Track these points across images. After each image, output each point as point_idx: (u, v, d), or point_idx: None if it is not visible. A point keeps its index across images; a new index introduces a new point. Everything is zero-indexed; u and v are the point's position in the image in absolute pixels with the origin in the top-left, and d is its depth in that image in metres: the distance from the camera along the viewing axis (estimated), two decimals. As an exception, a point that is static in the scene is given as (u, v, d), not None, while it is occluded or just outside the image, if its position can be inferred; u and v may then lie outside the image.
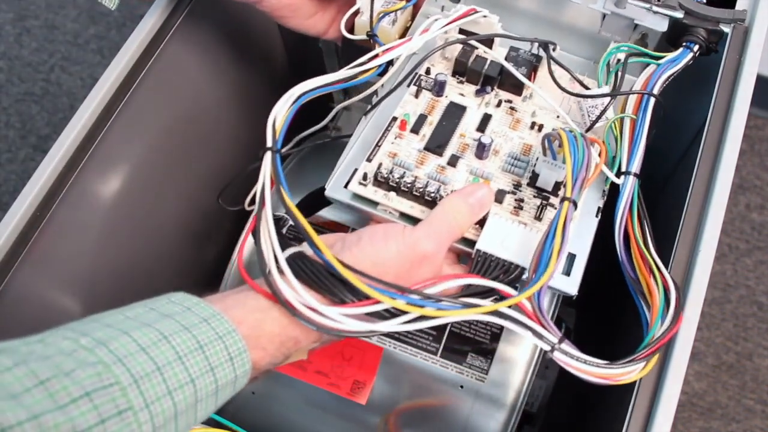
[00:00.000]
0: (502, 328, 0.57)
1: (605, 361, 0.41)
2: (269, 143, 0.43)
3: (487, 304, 0.40)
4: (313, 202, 0.63)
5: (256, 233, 0.40)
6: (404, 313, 0.39)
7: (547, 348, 0.41)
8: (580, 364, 0.41)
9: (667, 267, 0.45)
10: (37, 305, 0.51)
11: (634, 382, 0.42)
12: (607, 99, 0.48)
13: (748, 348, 1.10)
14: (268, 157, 0.42)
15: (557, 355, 0.41)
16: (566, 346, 0.41)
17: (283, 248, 0.40)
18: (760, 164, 1.22)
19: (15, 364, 0.29)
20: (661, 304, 0.43)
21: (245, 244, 0.56)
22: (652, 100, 0.48)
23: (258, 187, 0.41)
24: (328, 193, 0.47)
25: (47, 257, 0.50)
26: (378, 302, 0.38)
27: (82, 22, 1.35)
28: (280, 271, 0.38)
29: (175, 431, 0.32)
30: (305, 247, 0.39)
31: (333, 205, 0.60)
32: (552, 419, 0.79)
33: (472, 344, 0.57)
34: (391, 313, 0.39)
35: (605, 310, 0.73)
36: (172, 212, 0.64)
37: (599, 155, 0.46)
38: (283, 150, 0.46)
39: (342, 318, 0.38)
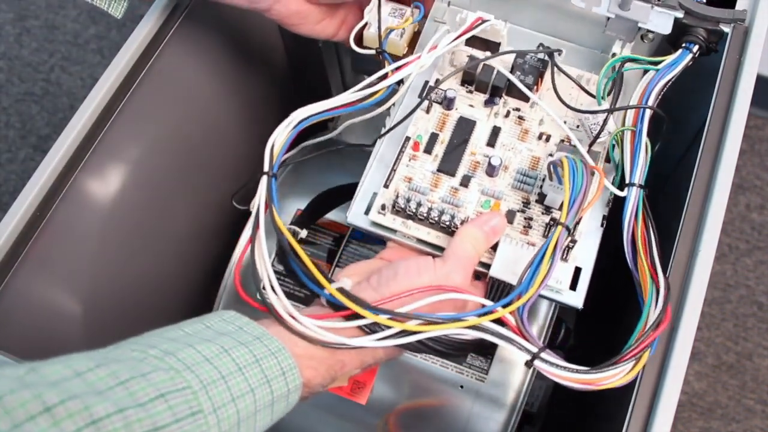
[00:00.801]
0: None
1: (586, 367, 0.41)
2: (266, 168, 0.44)
3: (470, 317, 0.41)
4: (319, 207, 0.63)
5: (251, 252, 0.43)
6: (388, 327, 0.41)
7: (528, 357, 0.42)
8: (562, 371, 0.41)
9: (667, 267, 0.45)
10: (37, 305, 0.51)
11: (634, 382, 0.42)
12: (602, 115, 0.48)
13: (748, 348, 1.10)
14: (263, 181, 0.44)
15: (538, 364, 0.42)
16: (547, 355, 0.42)
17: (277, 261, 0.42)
18: (760, 164, 1.22)
19: (97, 365, 0.31)
20: (648, 303, 0.43)
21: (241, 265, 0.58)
22: (649, 110, 0.48)
23: (253, 211, 0.43)
24: (349, 220, 0.49)
25: (47, 257, 0.50)
26: (355, 313, 0.40)
27: (82, 22, 1.35)
28: (272, 287, 0.41)
29: None
30: (344, 282, 0.42)
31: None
32: (552, 419, 0.79)
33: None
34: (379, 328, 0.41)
35: (607, 311, 0.73)
36: (172, 212, 0.64)
37: (598, 181, 0.46)
38: (288, 155, 0.48)
39: (316, 328, 0.40)
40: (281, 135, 0.46)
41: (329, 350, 0.40)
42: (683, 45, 0.51)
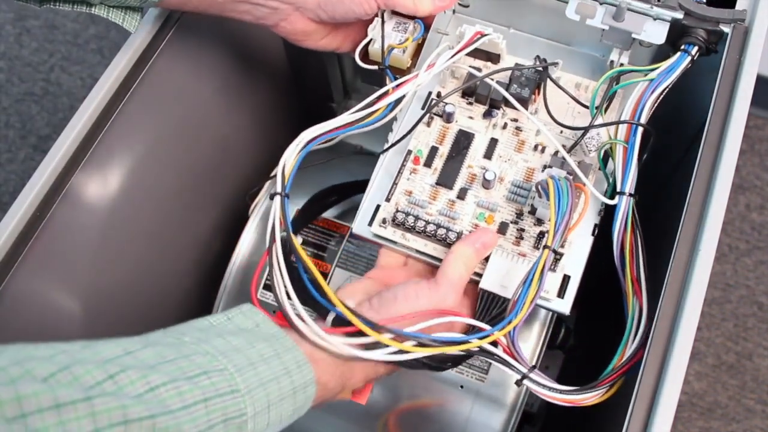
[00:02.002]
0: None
1: (570, 388, 0.46)
2: (278, 188, 0.46)
3: (473, 340, 0.45)
4: (313, 208, 0.64)
5: (269, 265, 0.45)
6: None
7: (518, 377, 0.46)
8: (548, 391, 0.46)
9: (666, 267, 0.45)
10: (37, 305, 0.51)
11: (634, 382, 0.42)
12: (599, 122, 0.50)
13: (748, 348, 1.10)
14: (277, 201, 0.46)
15: (527, 383, 0.46)
16: (535, 375, 0.46)
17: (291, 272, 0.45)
18: (760, 164, 1.22)
19: (143, 346, 0.35)
20: (629, 329, 0.46)
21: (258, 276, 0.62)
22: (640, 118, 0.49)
23: (268, 227, 0.46)
24: (355, 231, 0.52)
25: (47, 257, 0.50)
26: (357, 330, 0.43)
27: (82, 22, 1.35)
28: (288, 297, 0.44)
29: (267, 422, 0.38)
30: (348, 303, 0.45)
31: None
32: (552, 419, 0.79)
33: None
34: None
35: (606, 309, 0.73)
36: (171, 212, 0.64)
37: (585, 199, 0.48)
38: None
39: (341, 344, 0.43)
40: (291, 156, 0.48)
41: (341, 358, 0.43)
42: (682, 47, 0.51)
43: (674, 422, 0.41)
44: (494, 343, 0.48)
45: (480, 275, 0.48)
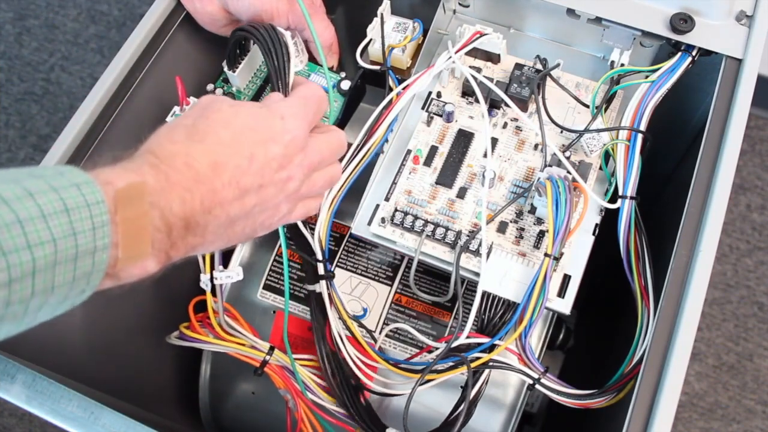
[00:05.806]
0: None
1: (582, 392, 0.47)
2: (321, 270, 0.51)
3: (482, 356, 0.48)
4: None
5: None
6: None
7: (530, 382, 0.48)
8: (559, 396, 0.48)
9: (666, 267, 0.45)
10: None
11: (634, 383, 0.42)
12: (596, 125, 0.50)
13: (748, 348, 1.09)
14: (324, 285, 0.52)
15: (539, 388, 0.48)
16: (547, 380, 0.48)
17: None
18: (760, 164, 1.22)
19: None
20: (639, 332, 0.47)
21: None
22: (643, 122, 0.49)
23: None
24: (354, 231, 0.52)
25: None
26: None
27: (82, 22, 1.35)
28: None
29: (31, 289, 0.31)
30: None
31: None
32: (552, 419, 0.79)
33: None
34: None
35: (605, 310, 0.73)
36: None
37: (584, 201, 0.47)
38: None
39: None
40: (322, 226, 0.50)
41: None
42: (683, 47, 0.51)
43: (674, 422, 0.41)
44: (491, 348, 0.48)
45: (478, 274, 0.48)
